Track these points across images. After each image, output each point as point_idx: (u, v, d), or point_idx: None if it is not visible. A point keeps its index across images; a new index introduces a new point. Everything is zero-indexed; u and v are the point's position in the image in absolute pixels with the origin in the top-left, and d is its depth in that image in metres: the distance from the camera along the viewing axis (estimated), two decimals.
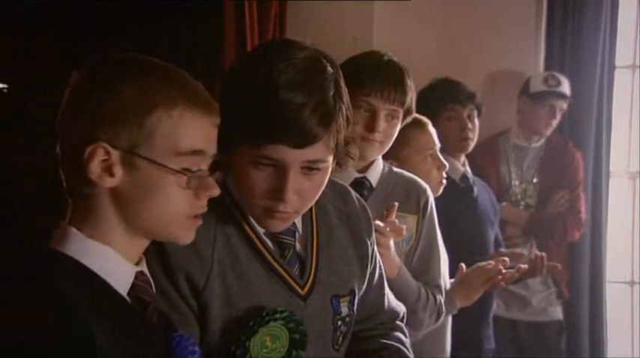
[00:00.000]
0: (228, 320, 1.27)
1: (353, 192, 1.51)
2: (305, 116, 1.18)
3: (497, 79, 3.38)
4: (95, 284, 1.04)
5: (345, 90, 1.29)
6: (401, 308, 1.59)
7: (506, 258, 2.22)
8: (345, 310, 1.39)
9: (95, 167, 1.03)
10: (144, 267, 1.12)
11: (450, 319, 2.23)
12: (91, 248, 1.06)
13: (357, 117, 1.83)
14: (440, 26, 3.48)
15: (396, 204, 1.84)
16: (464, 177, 2.75)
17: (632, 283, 3.67)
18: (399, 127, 1.90)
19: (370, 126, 1.84)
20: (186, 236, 1.12)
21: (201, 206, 1.10)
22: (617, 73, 3.49)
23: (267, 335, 1.26)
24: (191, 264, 1.25)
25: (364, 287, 1.46)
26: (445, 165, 2.20)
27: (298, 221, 1.37)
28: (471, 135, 2.80)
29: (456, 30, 3.47)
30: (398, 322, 1.57)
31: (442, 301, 1.97)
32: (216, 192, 1.10)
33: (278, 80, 1.19)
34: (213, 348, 1.26)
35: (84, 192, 1.06)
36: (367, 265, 1.46)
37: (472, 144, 2.82)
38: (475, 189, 2.76)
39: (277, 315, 1.27)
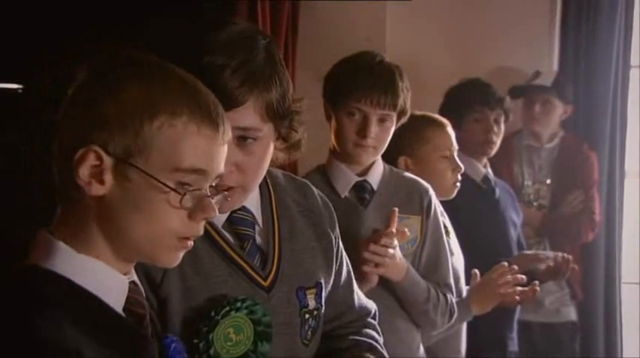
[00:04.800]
0: (188, 312, 1.24)
1: (314, 188, 1.49)
2: (225, 77, 1.17)
3: (511, 79, 3.36)
4: (89, 304, 0.95)
5: (282, 62, 1.27)
6: (372, 305, 1.56)
7: (524, 276, 2.20)
8: (312, 303, 1.36)
9: (84, 171, 0.95)
10: (134, 277, 1.04)
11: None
12: (82, 263, 0.97)
13: (349, 123, 1.87)
14: (453, 26, 3.48)
15: (396, 210, 1.84)
16: (485, 178, 2.73)
17: None
18: (392, 130, 1.91)
19: (362, 132, 1.86)
20: (170, 259, 1.03)
21: (196, 229, 1.01)
22: (631, 72, 3.48)
23: (231, 326, 1.24)
24: None
25: (331, 281, 1.44)
26: (461, 168, 2.19)
27: (258, 214, 1.35)
28: (495, 139, 2.78)
29: (468, 30, 3.46)
30: (370, 319, 1.54)
31: (453, 300, 1.97)
32: (213, 214, 1.01)
33: (203, 46, 1.19)
34: None
35: (70, 196, 0.98)
36: (332, 258, 1.44)
37: (495, 148, 2.81)
38: (497, 191, 2.74)
39: (239, 304, 1.24)
